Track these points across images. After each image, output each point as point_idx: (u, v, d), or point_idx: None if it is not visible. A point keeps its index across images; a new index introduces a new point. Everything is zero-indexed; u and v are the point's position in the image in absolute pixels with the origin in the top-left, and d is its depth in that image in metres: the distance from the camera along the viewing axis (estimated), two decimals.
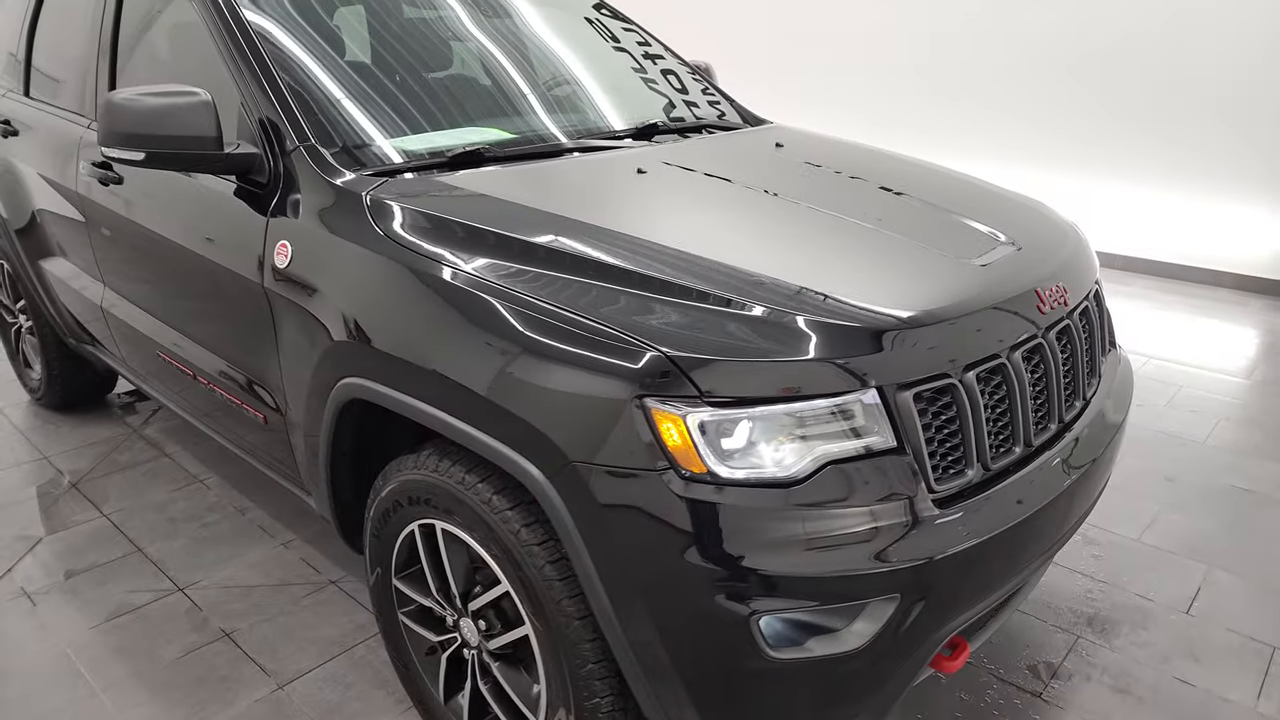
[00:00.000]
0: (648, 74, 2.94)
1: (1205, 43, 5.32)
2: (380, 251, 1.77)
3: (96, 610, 2.55)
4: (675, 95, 2.90)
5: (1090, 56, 5.76)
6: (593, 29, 3.01)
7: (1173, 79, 5.47)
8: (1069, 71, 5.87)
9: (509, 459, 1.52)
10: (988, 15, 6.16)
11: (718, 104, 2.99)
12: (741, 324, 1.47)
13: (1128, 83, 5.66)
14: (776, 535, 1.40)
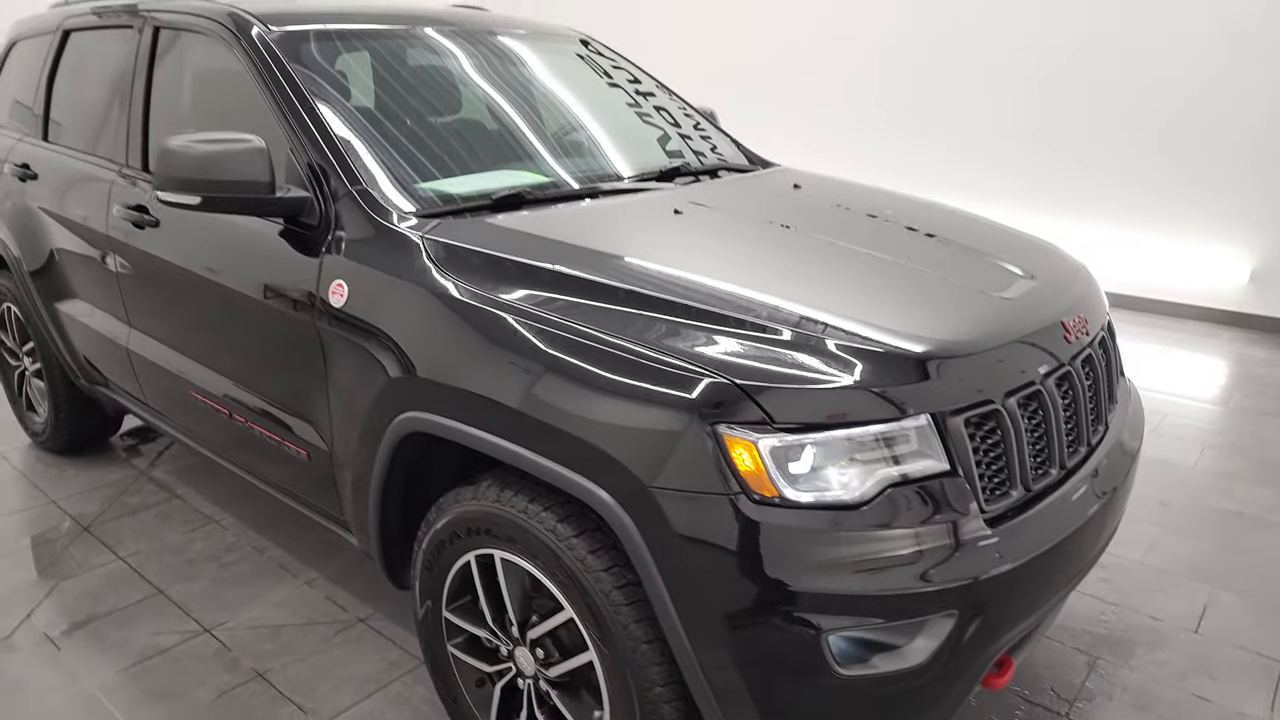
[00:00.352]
0: (659, 119, 3.06)
1: (1171, 86, 5.59)
2: (443, 290, 1.83)
3: (123, 653, 2.54)
4: (686, 139, 3.01)
5: (1057, 98, 6.02)
6: (604, 78, 3.12)
7: (1138, 120, 5.74)
8: (1038, 111, 6.12)
9: (581, 486, 1.58)
10: (954, 56, 6.41)
11: (726, 147, 3.11)
12: (804, 353, 1.55)
13: (1095, 124, 5.92)
14: (844, 555, 1.47)
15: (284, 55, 2.34)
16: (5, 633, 2.62)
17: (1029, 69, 6.09)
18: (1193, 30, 5.42)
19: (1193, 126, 5.56)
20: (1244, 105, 5.35)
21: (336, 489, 2.23)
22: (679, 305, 1.67)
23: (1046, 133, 6.11)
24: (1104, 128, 5.88)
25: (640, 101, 3.08)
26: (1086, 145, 5.97)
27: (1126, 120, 5.78)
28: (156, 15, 2.73)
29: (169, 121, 2.70)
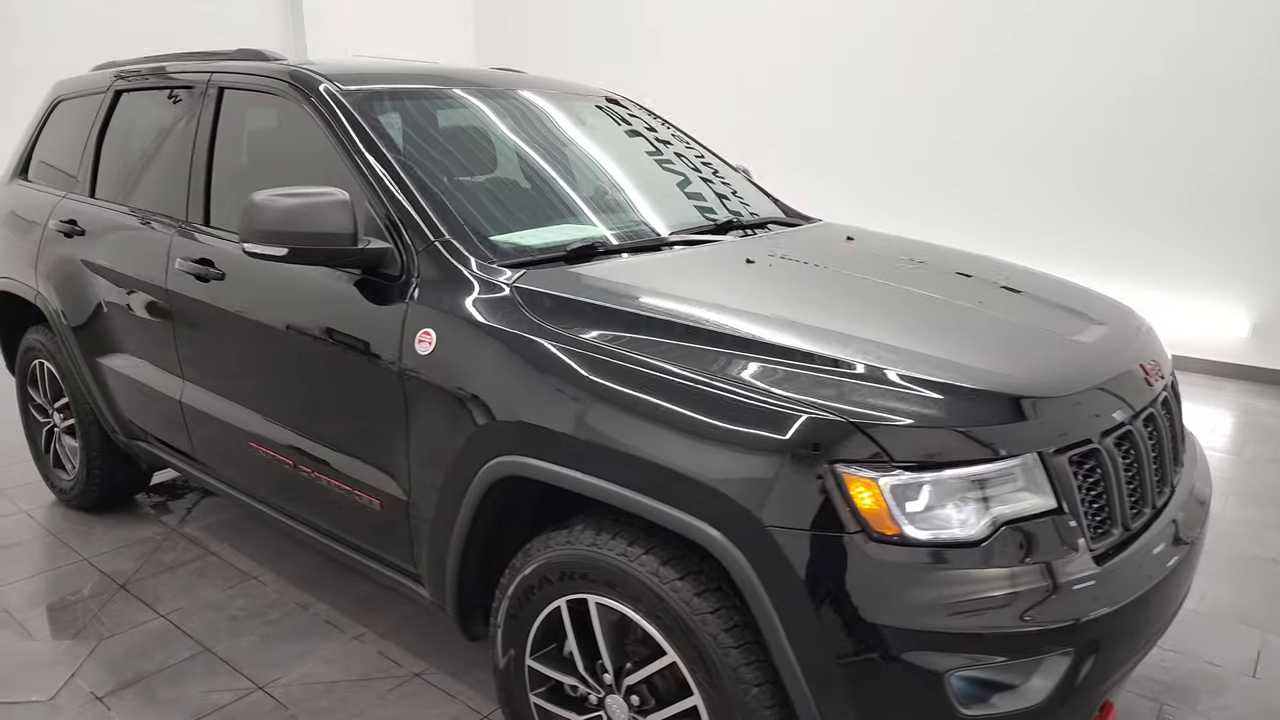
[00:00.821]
0: (703, 176, 3.14)
1: (1176, 150, 5.80)
2: (542, 337, 1.86)
3: (176, 712, 2.48)
4: (729, 194, 3.10)
5: (1062, 159, 6.22)
6: (648, 135, 3.21)
7: (1145, 182, 5.93)
8: (1042, 171, 6.32)
9: (694, 527, 1.60)
10: (961, 114, 6.63)
11: (764, 202, 3.19)
12: (916, 395, 1.59)
13: (1100, 185, 6.11)
14: (964, 593, 1.49)
15: (358, 113, 2.40)
16: (50, 693, 2.55)
17: (1042, 133, 6.30)
18: (1196, 92, 5.65)
19: (1194, 188, 5.75)
20: (1245, 167, 5.55)
21: (411, 538, 2.22)
22: (784, 348, 1.71)
23: (1050, 190, 6.30)
24: (1109, 189, 6.07)
25: (682, 158, 3.17)
26: (1090, 205, 6.15)
27: (1132, 182, 5.98)
28: (221, 77, 2.79)
29: (234, 178, 2.74)
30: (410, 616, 2.96)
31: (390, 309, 2.14)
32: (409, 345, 2.07)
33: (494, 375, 1.91)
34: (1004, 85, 6.40)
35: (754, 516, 1.53)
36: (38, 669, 2.66)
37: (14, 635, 2.84)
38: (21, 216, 3.60)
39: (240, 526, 3.62)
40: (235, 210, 2.62)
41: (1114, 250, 6.10)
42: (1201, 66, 5.60)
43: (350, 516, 2.39)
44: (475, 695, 2.56)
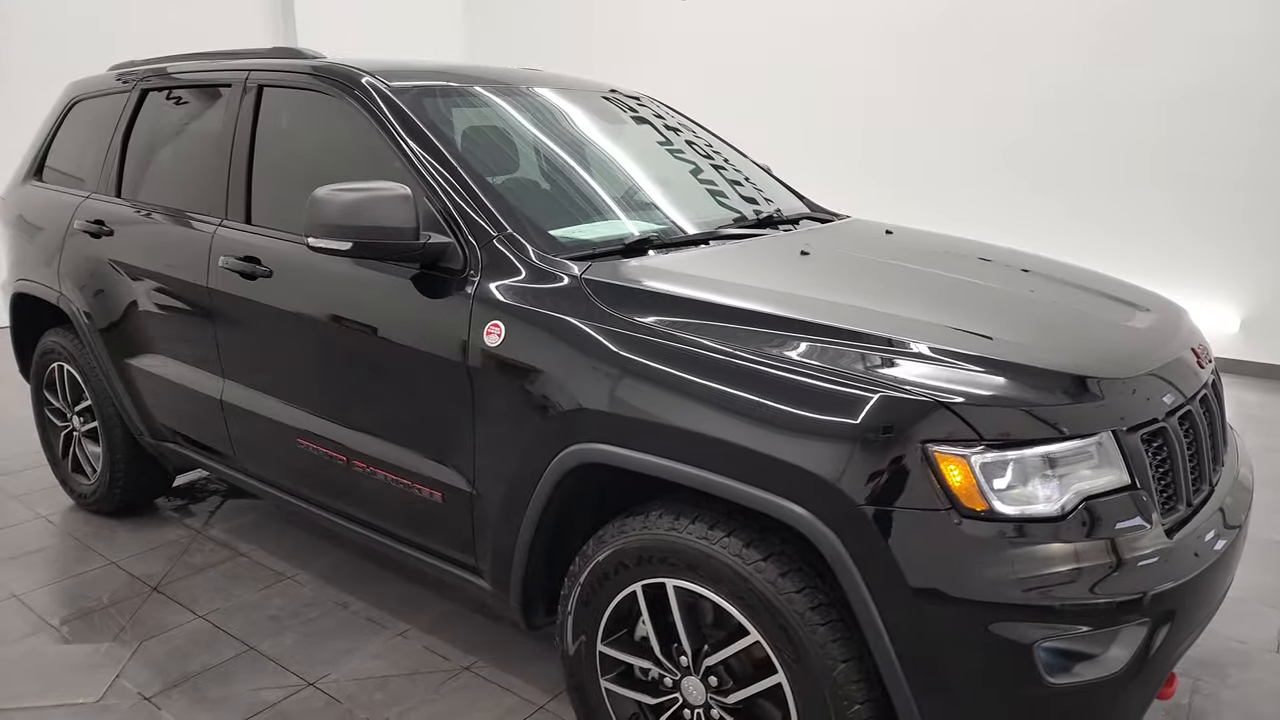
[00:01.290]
0: (732, 171, 3.19)
1: (1167, 148, 5.95)
2: (619, 326, 1.90)
3: (230, 710, 2.47)
4: (759, 191, 3.15)
5: (1054, 154, 6.35)
6: (681, 134, 3.26)
7: (1137, 180, 6.07)
8: (1034, 171, 6.45)
9: (784, 508, 1.64)
10: (953, 113, 6.76)
11: (791, 198, 3.25)
12: (997, 377, 1.65)
13: (1094, 181, 6.25)
14: (1049, 565, 1.55)
15: (410, 110, 2.43)
16: (97, 695, 2.54)
17: (1032, 135, 6.44)
18: (1183, 96, 5.81)
19: (1184, 186, 5.90)
20: (1236, 170, 5.71)
21: (473, 530, 2.24)
22: (864, 335, 1.76)
23: (1043, 186, 6.43)
24: (1102, 185, 6.22)
25: (712, 156, 3.22)
26: (1083, 201, 6.29)
27: (1125, 179, 6.12)
28: (261, 75, 2.80)
29: (277, 175, 2.75)
30: (450, 613, 2.97)
31: (454, 303, 2.16)
32: (476, 338, 2.10)
33: (569, 365, 1.94)
34: (993, 86, 6.53)
35: (847, 496, 1.58)
36: (81, 672, 2.64)
37: (51, 639, 2.82)
38: (39, 218, 3.57)
39: (267, 527, 3.61)
40: (279, 208, 2.66)
41: (1108, 250, 6.23)
42: (1195, 71, 5.75)
43: (406, 511, 2.40)
44: (527, 687, 2.58)
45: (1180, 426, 1.81)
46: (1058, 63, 6.25)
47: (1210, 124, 5.75)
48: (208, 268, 2.77)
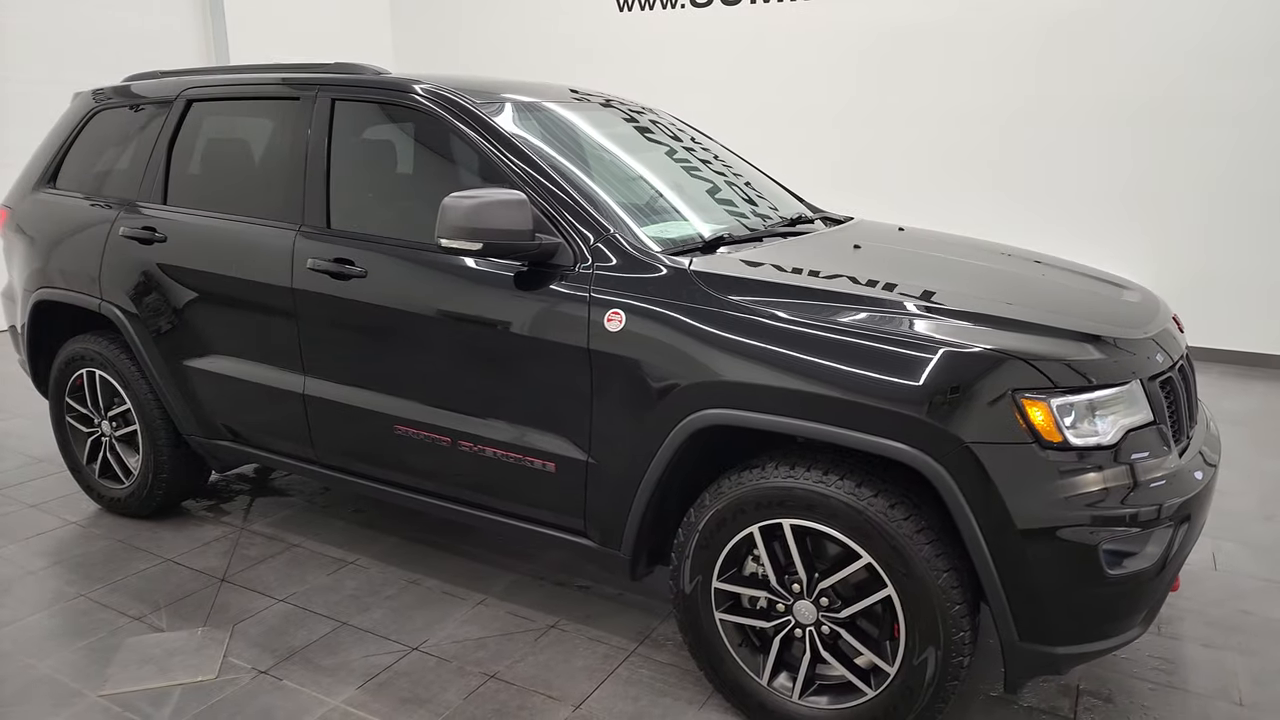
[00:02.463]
0: (746, 177, 3.59)
1: (1099, 154, 6.72)
2: (737, 310, 2.25)
3: (348, 674, 2.69)
4: (774, 196, 3.56)
5: (1012, 165, 7.01)
6: (703, 144, 3.63)
7: (1068, 183, 6.77)
8: (995, 177, 7.07)
9: (903, 451, 2.04)
10: (908, 123, 7.37)
11: (796, 202, 3.68)
12: (1062, 339, 2.10)
13: (1025, 178, 6.95)
14: (1107, 483, 2.01)
15: (508, 125, 2.72)
16: (214, 673, 2.70)
17: (977, 140, 7.10)
18: (1118, 110, 6.58)
19: (1119, 190, 6.62)
20: (1162, 174, 6.48)
21: (584, 494, 2.55)
22: (949, 310, 2.18)
23: (1004, 190, 7.02)
24: (1055, 190, 6.90)
25: (724, 163, 3.60)
26: (1035, 204, 6.90)
27: (1059, 186, 6.82)
28: (333, 90, 3.00)
29: (358, 184, 2.96)
30: (517, 582, 3.25)
31: (569, 295, 2.46)
32: (597, 325, 2.41)
33: (692, 344, 2.28)
34: (957, 97, 7.07)
35: (956, 437, 1.99)
36: (187, 655, 2.79)
37: (142, 629, 2.94)
38: (66, 226, 3.61)
39: (308, 519, 3.77)
40: (369, 214, 2.90)
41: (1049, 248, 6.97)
42: (1129, 86, 6.48)
43: (512, 483, 2.68)
44: (613, 636, 2.90)
45: (1180, 376, 2.32)
46: (1015, 76, 6.84)
47: (1135, 133, 6.48)
48: (291, 270, 2.95)
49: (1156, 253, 6.56)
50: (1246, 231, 6.30)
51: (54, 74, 7.11)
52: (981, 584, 2.07)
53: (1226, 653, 2.82)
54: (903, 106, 7.28)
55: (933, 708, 2.17)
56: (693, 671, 2.69)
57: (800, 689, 2.33)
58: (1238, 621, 3.00)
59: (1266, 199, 6.19)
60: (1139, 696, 2.60)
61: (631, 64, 8.33)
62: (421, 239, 2.77)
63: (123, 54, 7.50)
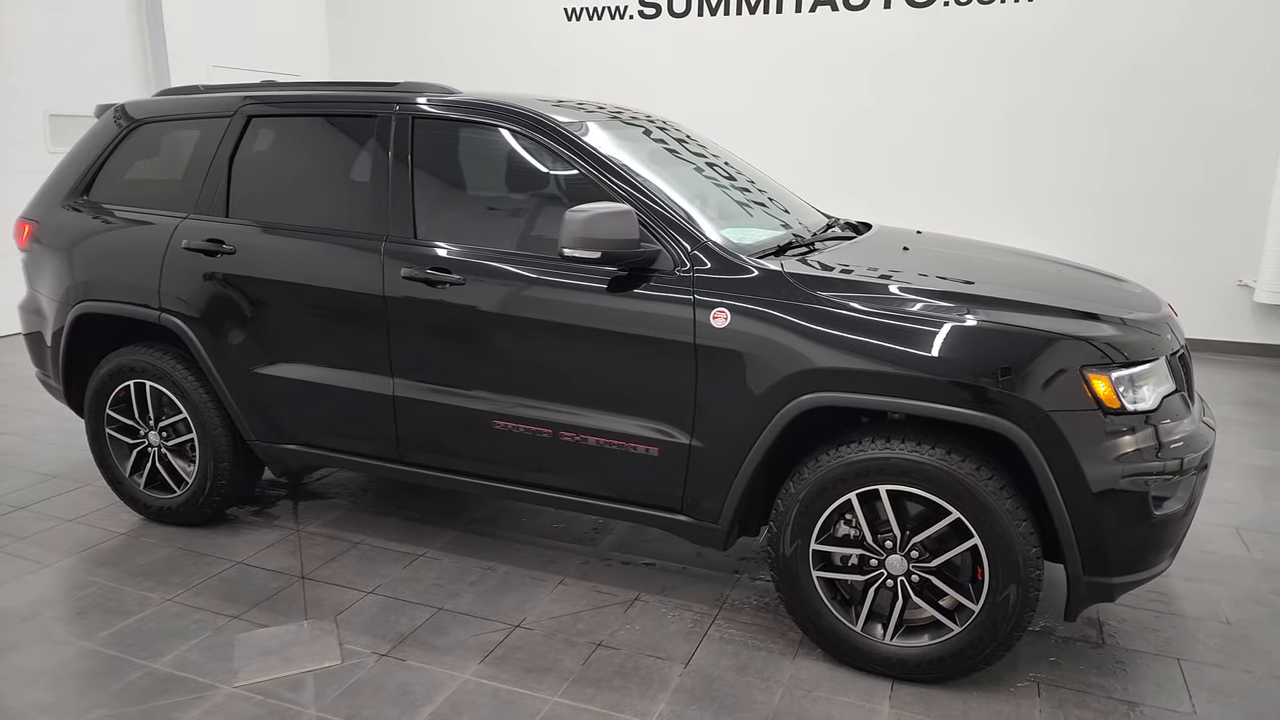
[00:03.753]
0: (779, 188, 3.95)
1: (1070, 159, 7.40)
2: (831, 305, 2.61)
3: (466, 652, 2.90)
4: (800, 203, 3.93)
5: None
6: (736, 159, 3.97)
7: (1043, 188, 7.42)
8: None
9: (993, 421, 2.44)
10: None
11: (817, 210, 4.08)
12: (1110, 324, 2.55)
13: (1030, 192, 7.54)
14: (1153, 440, 2.47)
15: (597, 142, 2.99)
16: (338, 659, 2.86)
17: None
18: (1081, 118, 7.27)
19: (1090, 193, 7.28)
20: (1129, 179, 7.20)
21: (685, 475, 2.85)
22: (1016, 302, 2.60)
23: (987, 195, 7.61)
24: (1004, 182, 7.55)
25: (757, 174, 3.96)
26: (1016, 208, 7.51)
27: (1034, 192, 7.46)
28: (412, 108, 3.20)
29: (446, 198, 3.18)
30: (586, 563, 3.52)
31: (672, 297, 2.76)
32: (703, 322, 2.72)
33: (795, 337, 2.62)
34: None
35: (1038, 407, 2.41)
36: (302, 645, 2.94)
37: (245, 627, 3.05)
38: (115, 238, 3.64)
39: (359, 519, 3.92)
40: (452, 226, 3.16)
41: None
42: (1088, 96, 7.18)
43: (613, 468, 2.95)
44: (695, 604, 3.21)
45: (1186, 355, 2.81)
46: (994, 89, 7.44)
47: (1093, 140, 7.19)
48: (382, 278, 3.13)
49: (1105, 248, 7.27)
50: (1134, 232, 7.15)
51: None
52: (1056, 528, 2.49)
53: (1205, 585, 3.37)
54: (837, 113, 7.83)
55: (1011, 637, 2.58)
56: (774, 629, 3.04)
57: (892, 632, 2.70)
58: (1205, 559, 3.56)
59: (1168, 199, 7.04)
60: (1148, 622, 3.10)
61: (578, 74, 8.59)
62: (518, 249, 3.02)
63: (50, 55, 7.30)
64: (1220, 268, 7.02)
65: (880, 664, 2.73)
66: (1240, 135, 6.82)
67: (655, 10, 8.29)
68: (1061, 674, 2.80)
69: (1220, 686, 2.75)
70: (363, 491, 4.24)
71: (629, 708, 2.62)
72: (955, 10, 7.40)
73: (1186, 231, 7.06)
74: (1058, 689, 2.72)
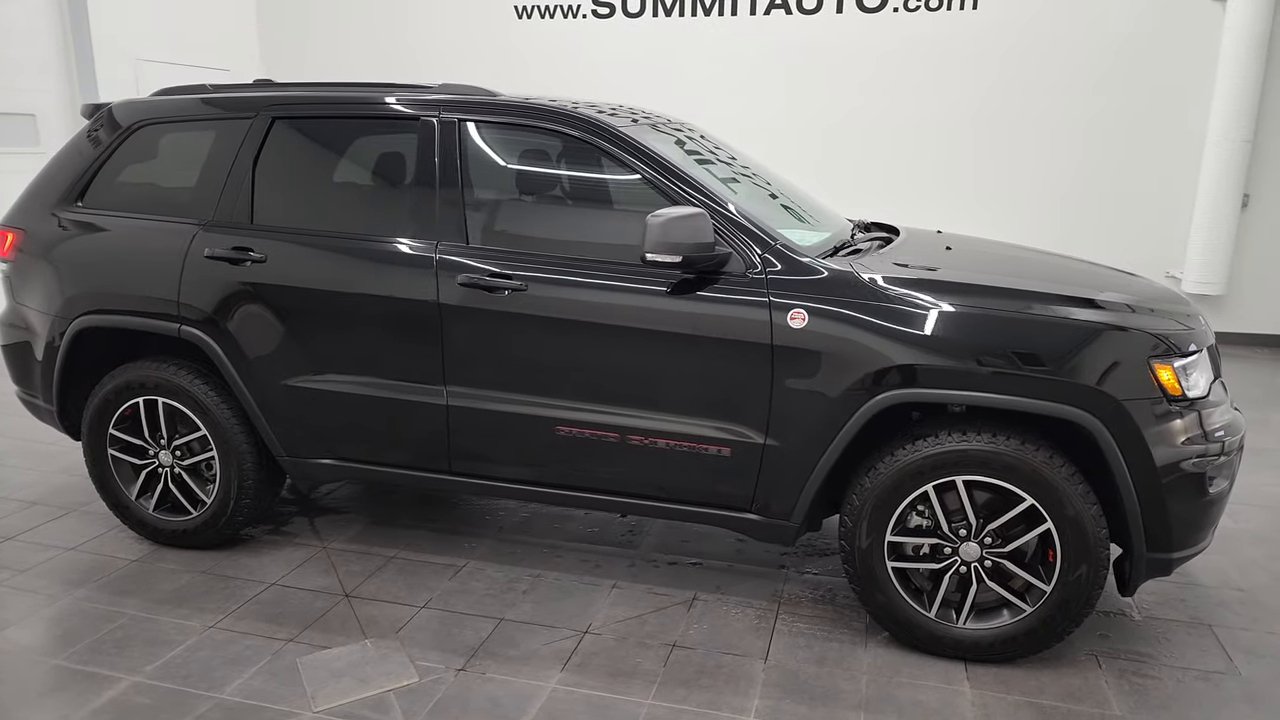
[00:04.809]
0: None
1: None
2: (911, 305, 2.70)
3: (543, 661, 2.87)
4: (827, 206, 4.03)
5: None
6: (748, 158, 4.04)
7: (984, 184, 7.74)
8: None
9: (1070, 412, 2.58)
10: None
11: None
12: (1168, 318, 2.73)
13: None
14: (1206, 425, 2.67)
15: (657, 147, 3.01)
16: (416, 676, 2.79)
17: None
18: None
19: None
20: (1056, 174, 7.59)
21: (757, 473, 2.90)
22: (1079, 298, 2.75)
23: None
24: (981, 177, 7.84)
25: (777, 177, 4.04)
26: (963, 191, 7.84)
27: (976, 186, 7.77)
28: (459, 112, 3.13)
29: (498, 203, 3.13)
30: (633, 567, 3.53)
31: (746, 299, 2.81)
32: (780, 323, 2.77)
33: (874, 335, 2.70)
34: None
35: (1112, 397, 2.56)
36: (373, 664, 2.85)
37: (306, 648, 2.94)
38: (123, 247, 3.43)
39: (385, 532, 3.82)
40: (508, 231, 3.14)
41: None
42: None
43: (683, 469, 2.97)
44: (754, 601, 3.27)
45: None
46: (937, 93, 7.72)
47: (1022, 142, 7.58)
48: (436, 285, 3.05)
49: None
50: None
51: None
52: (1124, 509, 2.64)
53: (1209, 556, 3.62)
54: (793, 116, 8.03)
55: (1081, 614, 2.74)
56: (838, 619, 3.13)
57: (965, 616, 2.82)
58: None
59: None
60: (1173, 593, 3.33)
61: (529, 73, 8.51)
62: (581, 254, 3.01)
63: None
64: (1151, 261, 7.49)
65: (954, 647, 2.85)
66: (1167, 137, 7.32)
67: (609, 10, 8.29)
68: (1114, 647, 2.98)
69: (1253, 648, 2.99)
70: (378, 504, 4.13)
71: (725, 705, 2.66)
72: (903, 16, 7.68)
73: (1120, 227, 7.54)
74: (1115, 660, 2.90)
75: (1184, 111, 7.25)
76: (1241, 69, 6.85)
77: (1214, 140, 7.07)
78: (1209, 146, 7.12)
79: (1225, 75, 6.94)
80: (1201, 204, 7.22)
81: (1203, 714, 2.65)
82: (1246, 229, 7.28)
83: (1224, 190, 7.09)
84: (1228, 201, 7.11)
